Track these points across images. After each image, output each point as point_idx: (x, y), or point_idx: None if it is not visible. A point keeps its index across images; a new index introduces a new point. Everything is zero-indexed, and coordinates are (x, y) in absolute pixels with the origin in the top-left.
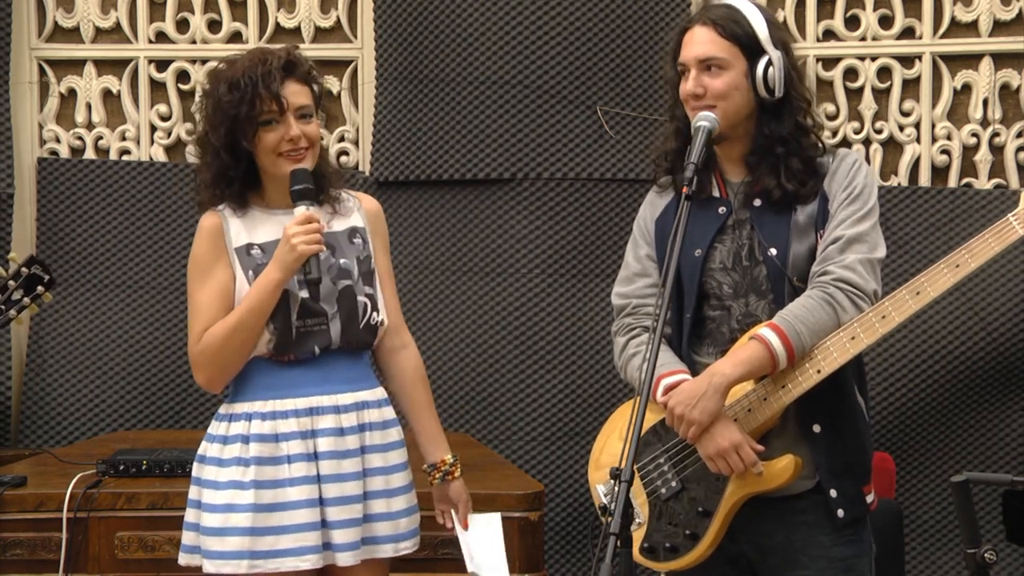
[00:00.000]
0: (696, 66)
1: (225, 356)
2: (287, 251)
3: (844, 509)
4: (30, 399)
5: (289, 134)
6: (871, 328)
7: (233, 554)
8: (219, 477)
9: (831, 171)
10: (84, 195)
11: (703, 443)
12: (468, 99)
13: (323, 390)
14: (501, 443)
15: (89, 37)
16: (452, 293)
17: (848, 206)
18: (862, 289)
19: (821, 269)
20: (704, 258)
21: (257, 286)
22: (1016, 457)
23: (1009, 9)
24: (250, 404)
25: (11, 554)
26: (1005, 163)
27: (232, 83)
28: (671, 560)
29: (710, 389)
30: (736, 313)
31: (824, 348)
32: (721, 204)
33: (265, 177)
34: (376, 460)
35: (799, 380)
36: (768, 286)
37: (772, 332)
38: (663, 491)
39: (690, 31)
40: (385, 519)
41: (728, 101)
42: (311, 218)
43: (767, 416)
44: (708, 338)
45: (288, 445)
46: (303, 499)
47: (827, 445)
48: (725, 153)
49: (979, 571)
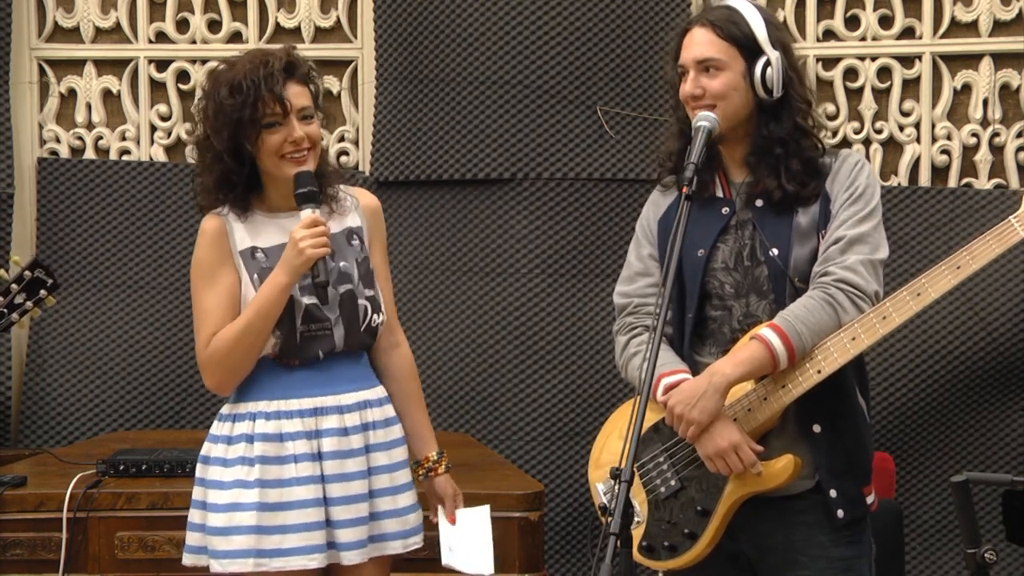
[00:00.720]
0: (694, 67)
1: (234, 360)
2: (295, 255)
3: (844, 509)
4: (30, 399)
5: (293, 136)
6: (872, 329)
7: (239, 553)
8: (224, 477)
9: (833, 171)
10: (84, 195)
11: (702, 443)
12: (468, 99)
13: (327, 391)
14: (501, 443)
15: (89, 37)
16: (452, 293)
17: (850, 206)
18: (863, 290)
19: (822, 270)
20: (707, 258)
21: (264, 290)
22: (1016, 457)
23: (1009, 9)
24: (255, 404)
25: (11, 554)
26: (1005, 163)
27: (234, 86)
28: (670, 559)
29: (710, 389)
30: (737, 313)
31: (825, 348)
32: (724, 204)
33: (267, 180)
34: (381, 458)
35: (799, 380)
36: (769, 286)
37: (773, 332)
38: (662, 490)
39: (689, 32)
40: (392, 516)
41: (727, 102)
42: (317, 221)
43: (767, 416)
44: (710, 338)
45: (294, 445)
46: (309, 498)
47: (827, 445)
48: (728, 153)
49: (979, 571)
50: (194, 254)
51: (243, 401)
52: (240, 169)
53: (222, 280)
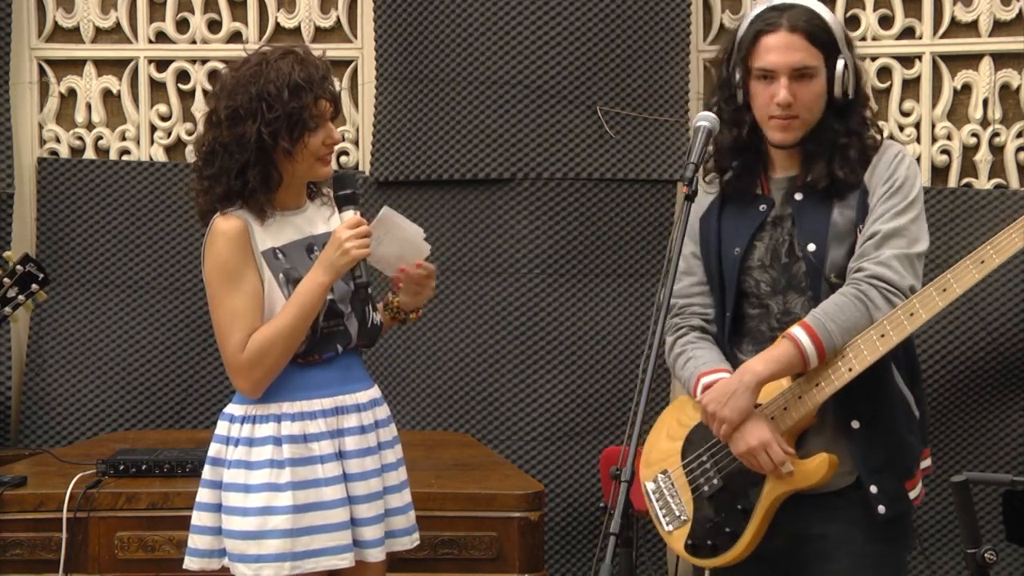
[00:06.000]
0: (788, 74)
1: (273, 361)
2: (338, 255)
3: (885, 505)
4: (30, 399)
5: (333, 137)
6: (900, 326)
7: (273, 556)
8: (250, 480)
9: (872, 164)
10: (84, 195)
11: (734, 441)
12: (468, 99)
13: (345, 389)
14: (501, 443)
15: (89, 37)
16: (452, 293)
17: (888, 199)
18: (896, 285)
19: (856, 265)
20: (743, 256)
21: (305, 290)
22: (1016, 457)
23: (1009, 9)
24: (277, 406)
25: (11, 554)
26: (1005, 163)
27: (292, 86)
28: (713, 557)
29: (740, 387)
30: (775, 311)
31: (855, 346)
32: (762, 201)
33: (287, 179)
34: (389, 456)
35: (832, 378)
36: (807, 283)
37: (802, 330)
38: (705, 488)
39: (774, 35)
40: (400, 513)
41: (813, 112)
42: (360, 222)
43: (803, 414)
44: (747, 336)
45: (319, 445)
46: (337, 498)
47: (866, 441)
48: (777, 149)
49: (979, 571)
50: (212, 256)
51: (264, 403)
52: (265, 169)
53: (248, 281)
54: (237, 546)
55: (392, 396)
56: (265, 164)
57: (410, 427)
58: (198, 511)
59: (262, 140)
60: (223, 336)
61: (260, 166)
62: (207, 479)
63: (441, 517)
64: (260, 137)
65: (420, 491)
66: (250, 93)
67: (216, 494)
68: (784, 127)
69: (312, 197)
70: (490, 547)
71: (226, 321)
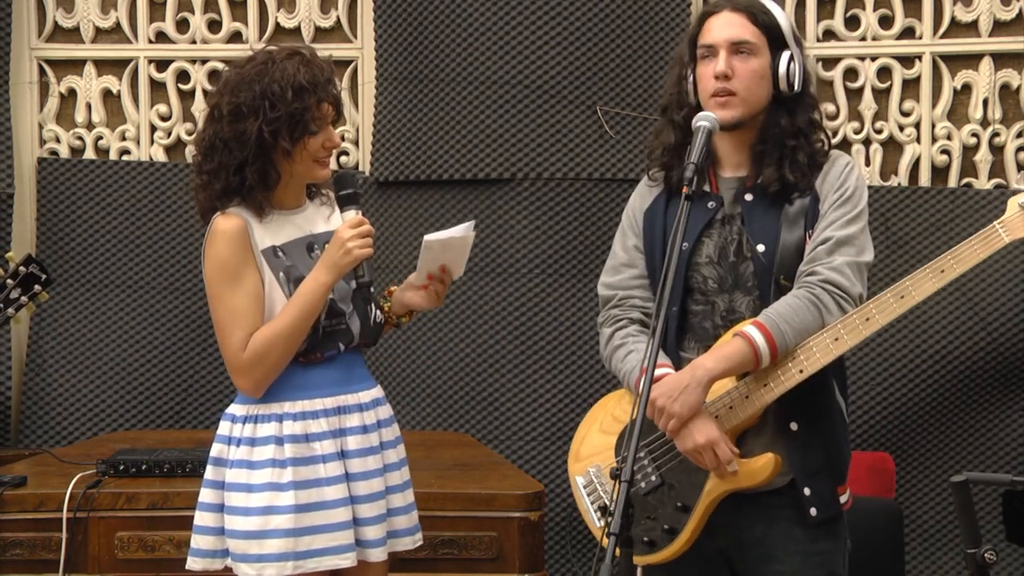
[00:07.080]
0: (727, 48)
1: (274, 360)
2: (341, 255)
3: (817, 508)
4: (30, 399)
5: (333, 140)
6: (855, 330)
7: (275, 556)
8: (252, 480)
9: (823, 172)
10: (84, 195)
11: (681, 437)
12: (468, 99)
13: (347, 389)
14: (501, 443)
15: (89, 37)
16: (452, 293)
17: (839, 207)
18: (848, 292)
19: (808, 269)
20: (691, 252)
21: (307, 289)
22: (1016, 457)
23: (1009, 9)
24: (279, 405)
25: (11, 554)
26: (1005, 163)
27: (296, 87)
28: (648, 554)
29: (692, 382)
30: (720, 309)
31: (807, 348)
32: (711, 199)
33: (286, 179)
34: (391, 456)
35: (781, 379)
36: (754, 283)
37: (756, 330)
38: (642, 485)
39: (717, 16)
40: (402, 512)
41: (752, 89)
42: (362, 222)
43: (748, 414)
44: (690, 333)
45: (321, 445)
46: (339, 498)
47: (803, 444)
48: (725, 147)
49: (979, 571)
50: (212, 255)
51: (265, 402)
52: (267, 168)
53: (249, 280)
54: (239, 546)
55: (393, 396)
56: (263, 163)
57: (410, 427)
58: (200, 511)
59: (262, 138)
60: (224, 335)
61: (258, 164)
62: (209, 479)
63: (441, 517)
64: (260, 135)
65: (420, 491)
66: (254, 91)
67: (218, 494)
68: (723, 104)
69: (312, 196)
70: (490, 547)
71: (227, 320)
